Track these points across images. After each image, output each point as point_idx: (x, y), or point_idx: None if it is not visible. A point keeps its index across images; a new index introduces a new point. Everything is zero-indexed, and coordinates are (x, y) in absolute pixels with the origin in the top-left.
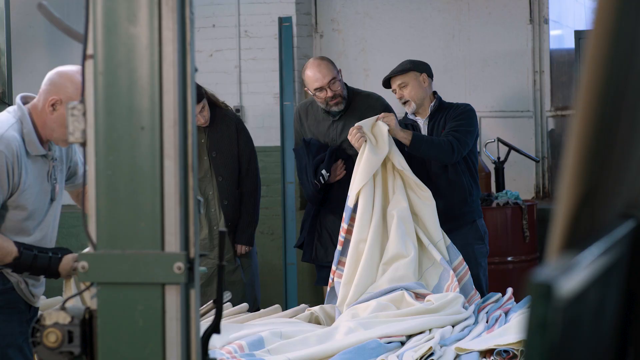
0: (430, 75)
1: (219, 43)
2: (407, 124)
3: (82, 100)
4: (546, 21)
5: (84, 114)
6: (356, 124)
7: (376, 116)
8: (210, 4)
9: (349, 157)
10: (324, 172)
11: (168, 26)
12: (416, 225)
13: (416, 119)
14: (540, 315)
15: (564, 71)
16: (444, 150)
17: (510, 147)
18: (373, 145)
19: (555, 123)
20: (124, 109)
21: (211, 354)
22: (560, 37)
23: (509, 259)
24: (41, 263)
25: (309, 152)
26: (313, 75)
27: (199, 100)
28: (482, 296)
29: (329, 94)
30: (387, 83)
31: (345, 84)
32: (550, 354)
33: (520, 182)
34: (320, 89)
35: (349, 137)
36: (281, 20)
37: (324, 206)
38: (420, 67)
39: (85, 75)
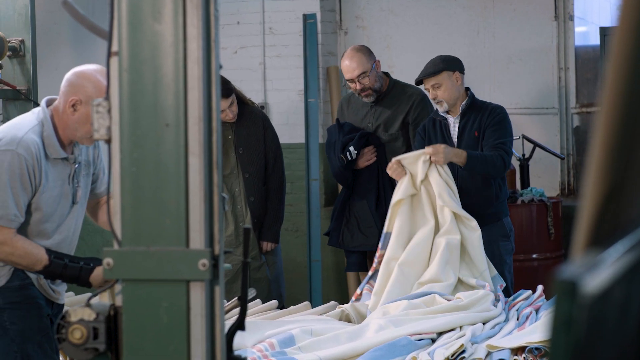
0: (462, 71)
1: (243, 40)
2: (437, 119)
3: (107, 97)
4: (571, 18)
5: (109, 111)
6: (396, 158)
7: (421, 151)
8: (235, 1)
9: (381, 145)
10: (351, 148)
11: (193, 23)
12: (461, 259)
13: (447, 117)
14: (565, 312)
15: (589, 68)
16: (496, 166)
17: (535, 144)
18: (411, 179)
19: (581, 120)
20: (148, 106)
21: (241, 352)
22: (586, 33)
23: (534, 256)
24: (71, 273)
25: (341, 130)
26: (345, 67)
27: (228, 95)
28: (508, 294)
29: (358, 86)
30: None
31: (386, 73)
32: (575, 352)
33: (545, 179)
34: (351, 80)
35: (388, 170)
36: (305, 17)
37: (353, 192)
38: (452, 66)
39: (110, 73)
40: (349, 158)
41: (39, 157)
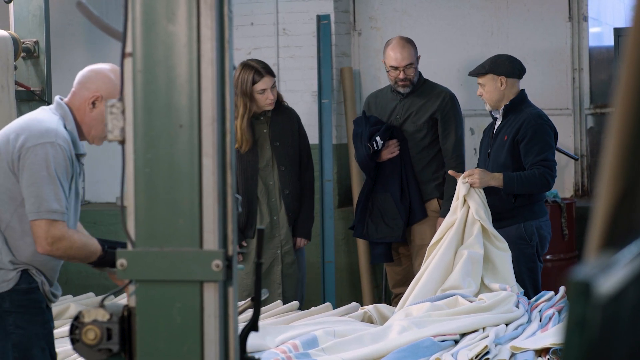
0: (512, 75)
1: (257, 41)
2: (491, 118)
3: (121, 98)
4: (585, 18)
5: (123, 111)
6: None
7: (460, 179)
8: (249, 2)
9: (404, 139)
10: (377, 138)
11: (206, 24)
12: (488, 273)
13: (496, 117)
14: (578, 313)
15: (603, 69)
16: (539, 185)
17: None
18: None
19: (595, 121)
20: (162, 107)
21: (256, 354)
22: (600, 34)
23: (548, 257)
24: None
25: (367, 122)
26: (393, 55)
27: (273, 74)
28: (528, 296)
29: (401, 75)
30: None
31: (420, 72)
32: (588, 353)
33: (559, 180)
34: (395, 68)
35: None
36: (319, 18)
37: (376, 184)
38: (499, 69)
39: (124, 73)
40: (375, 148)
41: (71, 150)
